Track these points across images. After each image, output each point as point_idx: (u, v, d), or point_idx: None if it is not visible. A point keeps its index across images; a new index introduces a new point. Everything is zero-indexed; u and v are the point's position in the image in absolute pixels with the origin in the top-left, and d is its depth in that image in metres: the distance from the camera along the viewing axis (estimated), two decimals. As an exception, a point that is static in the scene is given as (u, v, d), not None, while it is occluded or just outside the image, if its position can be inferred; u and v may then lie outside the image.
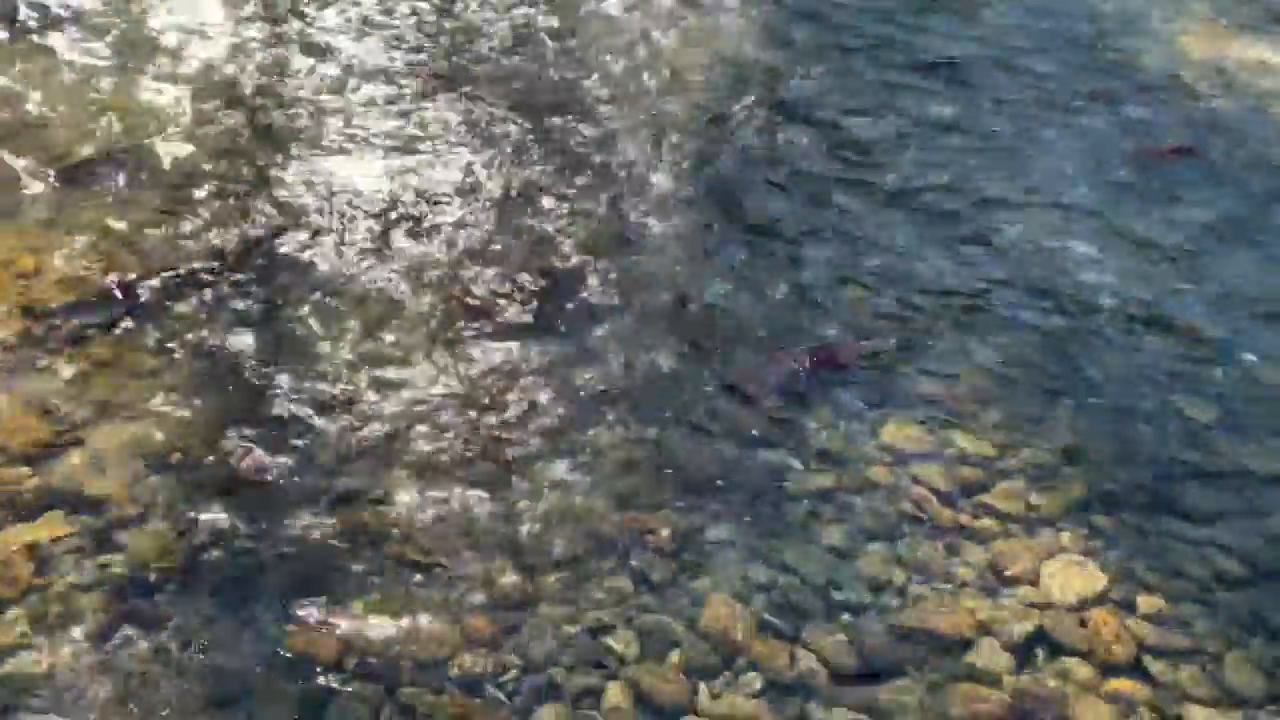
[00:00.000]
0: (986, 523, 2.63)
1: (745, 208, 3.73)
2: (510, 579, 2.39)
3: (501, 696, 2.15)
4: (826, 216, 3.73)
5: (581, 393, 2.91)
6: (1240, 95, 4.70)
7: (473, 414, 2.79)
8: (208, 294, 3.03)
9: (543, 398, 2.87)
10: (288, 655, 2.17)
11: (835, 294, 3.37)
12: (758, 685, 2.20)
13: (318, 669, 2.16)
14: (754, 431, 2.85)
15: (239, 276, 3.10)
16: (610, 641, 2.26)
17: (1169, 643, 2.34)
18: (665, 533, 2.52)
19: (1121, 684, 2.25)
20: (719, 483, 2.69)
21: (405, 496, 2.54)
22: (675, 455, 2.75)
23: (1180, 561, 2.54)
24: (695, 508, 2.61)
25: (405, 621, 2.27)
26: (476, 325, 3.06)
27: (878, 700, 2.19)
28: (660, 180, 3.78)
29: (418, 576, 2.38)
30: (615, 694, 2.16)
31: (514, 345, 3.02)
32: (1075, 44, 5.08)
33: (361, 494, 2.54)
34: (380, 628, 2.25)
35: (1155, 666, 2.29)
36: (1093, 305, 3.37)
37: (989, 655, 2.30)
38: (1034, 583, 2.48)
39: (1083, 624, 2.38)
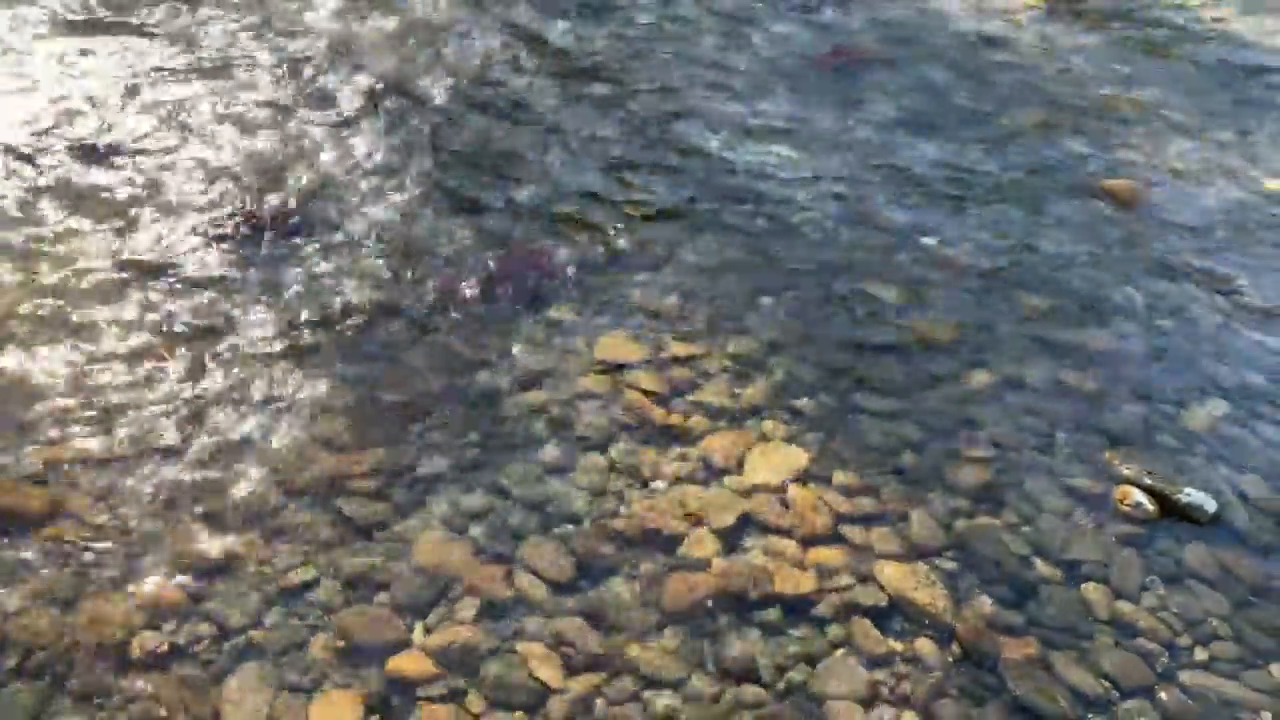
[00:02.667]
0: (697, 419, 2.70)
1: (455, 130, 3.58)
2: (204, 544, 2.20)
3: (194, 668, 1.98)
4: (534, 135, 3.65)
5: (281, 336, 2.71)
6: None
7: (150, 368, 2.53)
8: None
9: (234, 344, 2.65)
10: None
11: (546, 209, 3.32)
12: (473, 611, 2.16)
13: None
14: (465, 356, 2.77)
15: None
16: (315, 594, 2.15)
17: (861, 509, 2.51)
18: (373, 473, 2.41)
19: (820, 553, 2.39)
20: (430, 414, 2.59)
21: (80, 470, 2.27)
22: (382, 390, 2.62)
23: (870, 433, 2.72)
24: (405, 442, 2.50)
25: (79, 604, 2.04)
26: (160, 279, 2.77)
27: (594, 602, 2.21)
28: (367, 123, 3.54)
29: (91, 554, 2.14)
30: (320, 645, 2.05)
31: (204, 296, 2.76)
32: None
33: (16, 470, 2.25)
34: (48, 615, 2.01)
35: (850, 532, 2.45)
36: (787, 204, 3.51)
37: (699, 544, 2.37)
38: (741, 470, 2.58)
39: (785, 504, 2.50)
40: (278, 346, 2.69)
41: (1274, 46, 5.08)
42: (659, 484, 2.52)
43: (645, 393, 2.75)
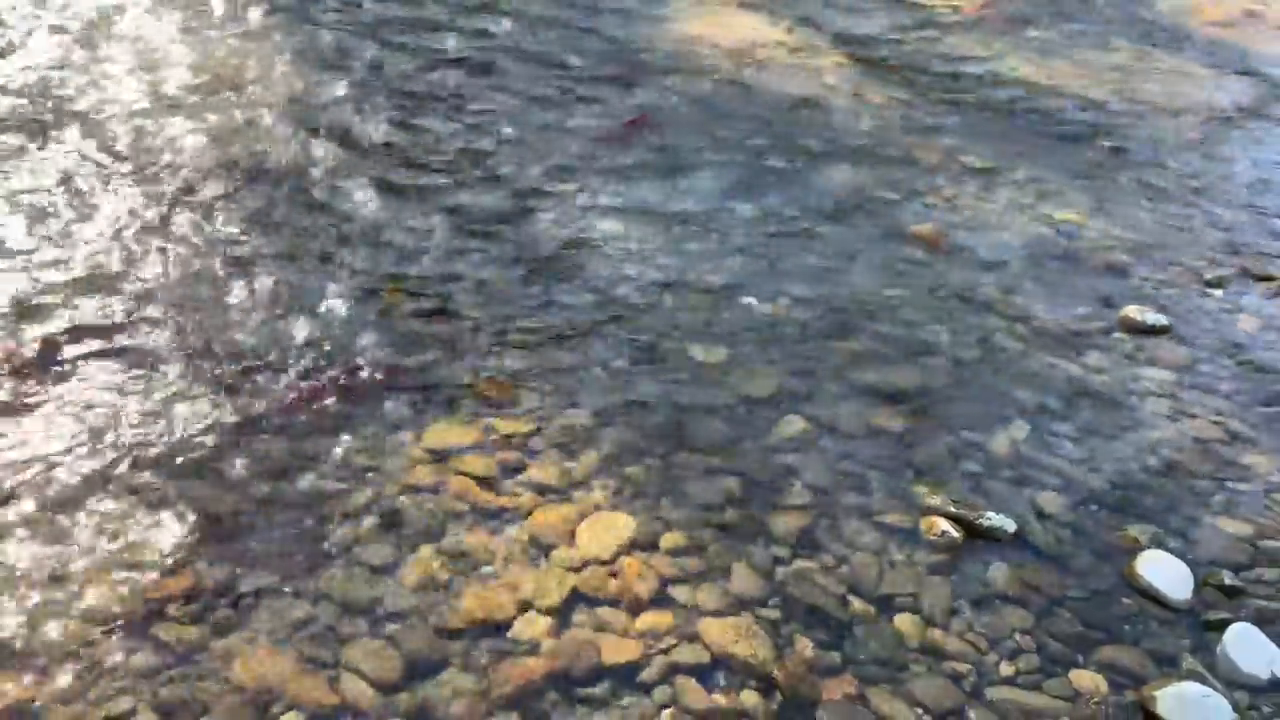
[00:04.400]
0: (525, 498, 2.76)
1: (259, 223, 3.61)
2: (11, 686, 2.14)
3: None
4: (357, 227, 3.71)
5: (90, 457, 2.66)
6: (700, 70, 5.30)
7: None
8: None
9: (37, 470, 2.59)
10: None
11: (367, 304, 3.36)
12: (296, 724, 2.15)
13: None
14: (289, 460, 2.78)
15: None
16: (129, 727, 2.10)
17: (687, 569, 2.59)
18: (192, 593, 2.38)
19: (648, 618, 2.46)
20: (252, 525, 2.58)
21: None
22: (201, 505, 2.60)
23: (695, 493, 2.82)
24: (225, 558, 2.48)
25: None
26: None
27: (422, 701, 2.22)
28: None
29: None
30: (131, 781, 2.01)
31: None
32: (587, 33, 5.47)
33: None
34: None
35: (677, 593, 2.53)
36: (610, 276, 3.63)
37: (529, 625, 2.41)
38: (570, 544, 2.64)
39: (613, 574, 2.57)
40: (85, 469, 2.64)
41: (1063, 89, 5.53)
42: (488, 569, 2.56)
43: (474, 477, 2.80)
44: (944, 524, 2.72)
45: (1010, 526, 2.72)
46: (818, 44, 5.66)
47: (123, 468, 2.67)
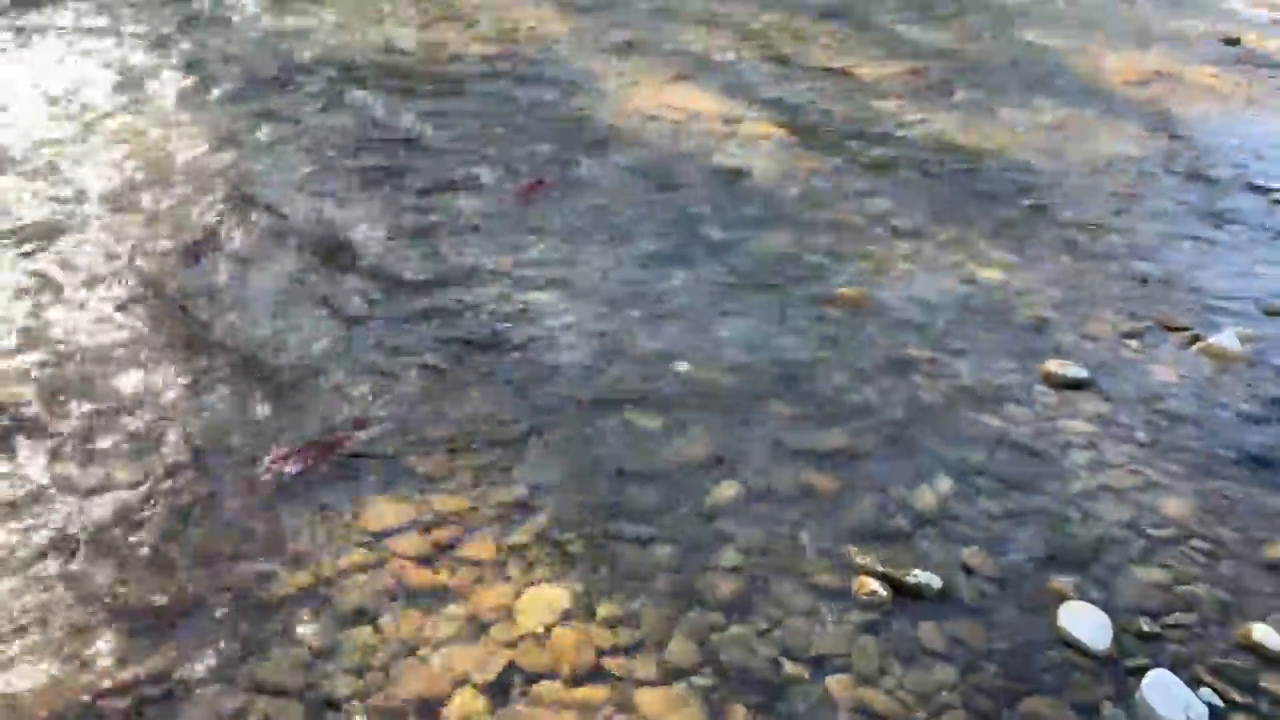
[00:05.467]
0: (462, 575, 2.79)
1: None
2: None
3: None
4: (297, 322, 3.77)
5: (23, 544, 2.66)
6: (636, 141, 5.47)
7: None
8: None
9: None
10: None
11: (300, 384, 3.41)
12: (227, 817, 2.14)
13: None
14: (226, 547, 2.79)
15: None
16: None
17: (623, 639, 2.63)
18: (127, 688, 2.38)
19: (583, 691, 2.49)
20: (187, 615, 2.58)
21: None
22: (136, 596, 2.60)
23: (631, 562, 2.87)
24: (160, 651, 2.48)
25: None
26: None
27: (356, 787, 2.23)
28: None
29: None
30: None
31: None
32: (529, 108, 5.63)
33: None
34: None
35: (612, 664, 2.56)
36: (547, 348, 3.70)
37: (466, 704, 2.43)
38: (508, 620, 2.67)
39: (549, 647, 2.60)
40: (20, 554, 2.63)
41: (988, 150, 5.76)
42: (425, 649, 2.58)
43: (411, 557, 2.83)
44: (873, 583, 2.79)
45: (936, 583, 2.80)
46: (751, 113, 5.86)
47: (50, 559, 2.67)
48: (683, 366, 3.69)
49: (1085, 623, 2.70)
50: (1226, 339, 4.01)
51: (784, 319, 4.02)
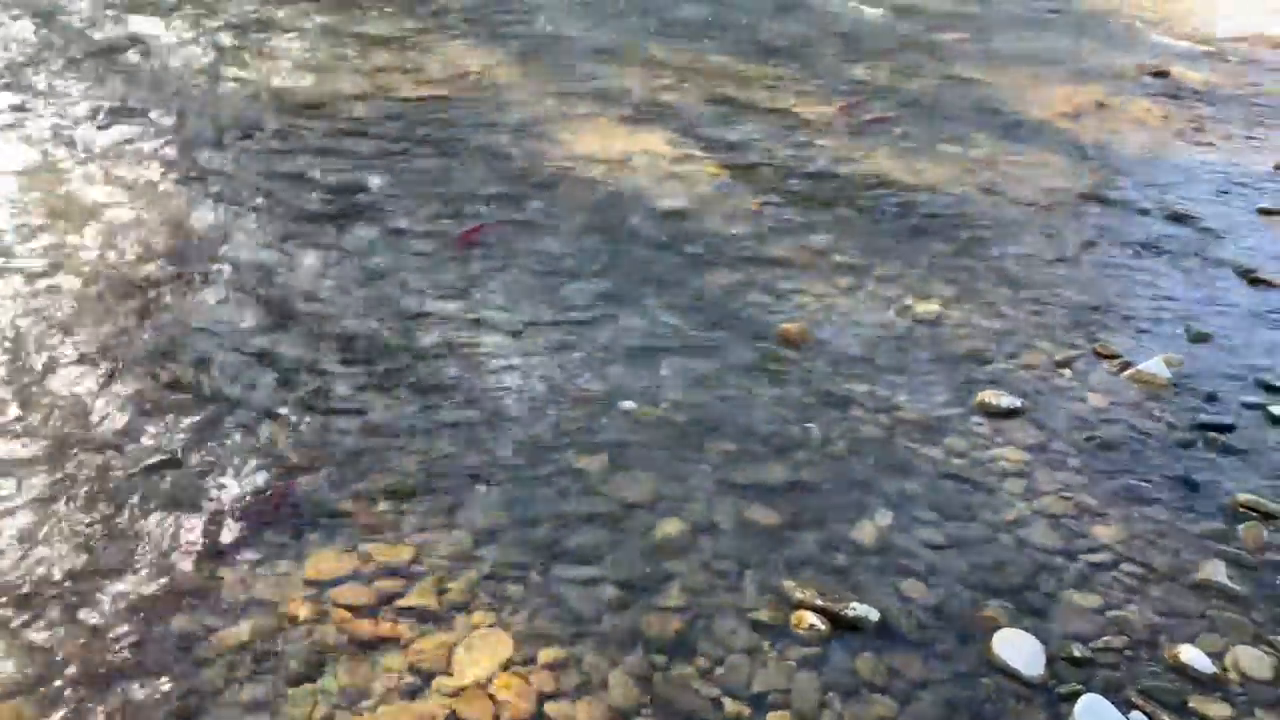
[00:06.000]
0: (405, 626, 2.79)
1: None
2: None
3: None
4: (230, 359, 3.77)
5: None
6: (584, 183, 5.56)
7: None
8: None
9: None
10: None
11: (248, 436, 3.40)
12: None
13: None
14: (165, 600, 2.77)
15: None
16: None
17: (565, 683, 2.64)
18: (58, 751, 2.35)
19: (525, 737, 2.51)
20: (123, 672, 2.56)
21: None
22: (71, 653, 2.57)
23: (573, 604, 2.88)
24: (88, 705, 2.45)
25: None
26: None
27: (294, 845, 2.21)
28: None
29: None
30: None
31: None
32: (477, 153, 5.69)
33: None
34: None
35: (554, 709, 2.57)
36: (494, 393, 3.73)
37: (407, 756, 2.44)
38: (448, 671, 2.67)
39: (491, 696, 2.61)
40: (-48, 636, 2.60)
41: (926, 184, 5.90)
42: (367, 703, 2.57)
43: (353, 608, 2.82)
44: (812, 617, 2.83)
45: (874, 615, 2.85)
46: (695, 154, 5.97)
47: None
48: (628, 405, 3.74)
49: (1019, 650, 2.76)
50: (1154, 365, 4.14)
51: (727, 356, 4.08)
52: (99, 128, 5.54)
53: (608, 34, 8.08)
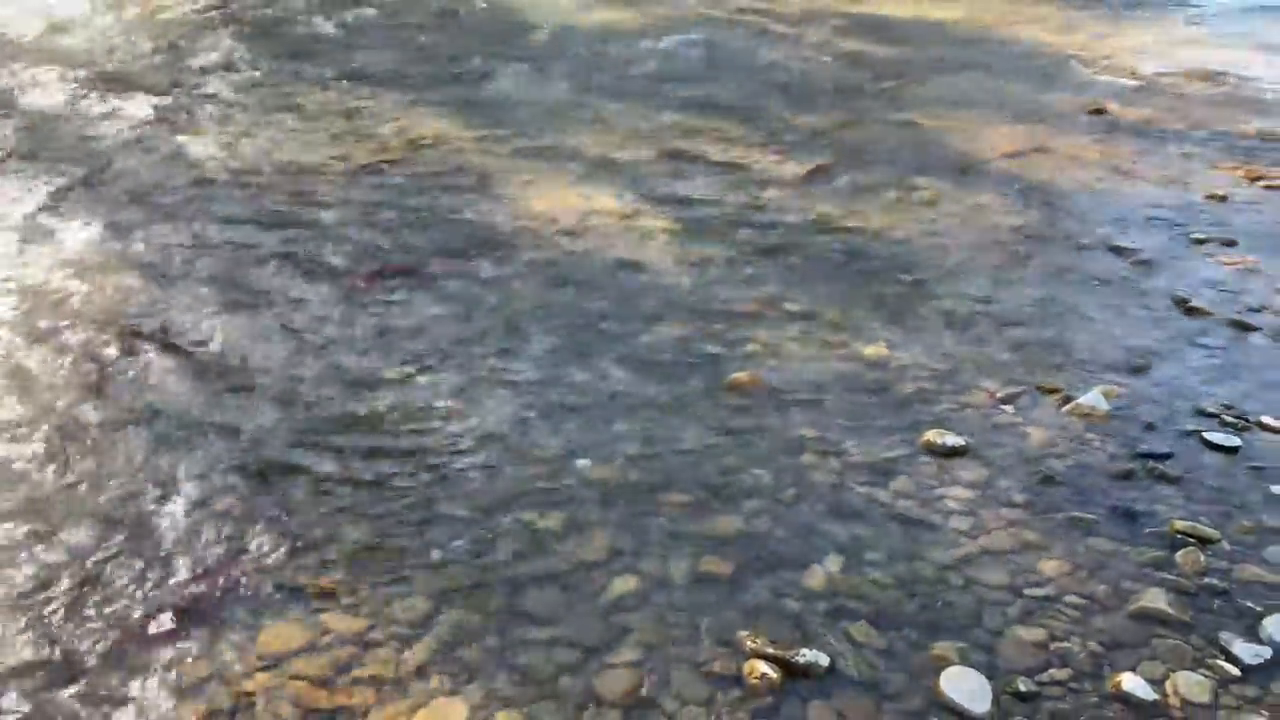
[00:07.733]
0: (361, 696, 2.81)
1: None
2: None
3: None
4: (176, 424, 3.79)
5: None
6: (537, 242, 5.67)
7: None
8: None
9: None
10: None
11: (197, 505, 3.43)
12: None
13: None
14: (117, 679, 2.77)
15: None
16: None
17: (523, 745, 2.69)
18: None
19: (482, 802, 2.53)
20: (76, 760, 2.56)
21: None
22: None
23: (531, 666, 2.92)
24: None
25: None
26: None
27: None
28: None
29: None
30: None
31: None
32: (429, 215, 5.79)
33: None
34: None
35: (512, 772, 2.61)
36: (447, 453, 3.78)
37: (363, 827, 2.45)
38: (407, 737, 2.70)
39: (448, 760, 2.63)
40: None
41: (871, 230, 6.06)
42: (323, 773, 2.59)
43: (307, 680, 2.84)
44: (764, 666, 2.87)
45: (824, 661, 2.90)
46: (646, 209, 6.10)
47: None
48: (582, 463, 3.80)
49: (965, 687, 2.82)
50: (1093, 398, 4.27)
51: (680, 408, 4.16)
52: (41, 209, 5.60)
53: (558, 94, 8.27)
